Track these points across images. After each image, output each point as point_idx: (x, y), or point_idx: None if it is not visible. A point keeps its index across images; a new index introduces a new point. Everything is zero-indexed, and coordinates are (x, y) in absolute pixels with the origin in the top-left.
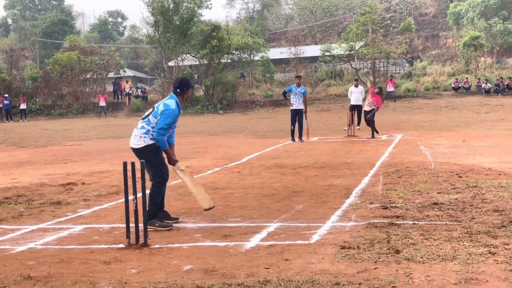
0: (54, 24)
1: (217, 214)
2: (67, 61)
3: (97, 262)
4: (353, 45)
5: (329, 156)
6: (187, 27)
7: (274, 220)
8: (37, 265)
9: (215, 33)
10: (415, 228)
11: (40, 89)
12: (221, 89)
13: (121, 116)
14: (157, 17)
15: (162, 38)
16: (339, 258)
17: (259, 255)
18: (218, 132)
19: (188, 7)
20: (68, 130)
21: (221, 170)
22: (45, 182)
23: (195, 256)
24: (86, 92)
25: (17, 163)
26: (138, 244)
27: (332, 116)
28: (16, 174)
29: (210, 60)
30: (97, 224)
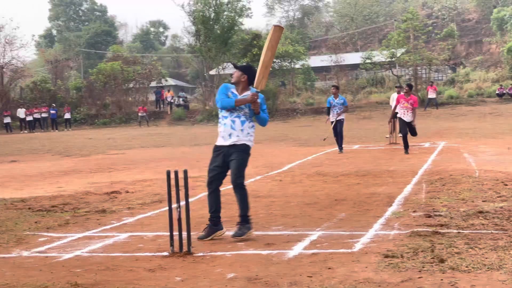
0: (97, 34)
1: (260, 222)
2: (110, 71)
3: (142, 270)
4: (395, 52)
5: (371, 164)
6: (228, 36)
7: (316, 228)
8: (83, 273)
9: (256, 42)
10: (460, 237)
11: (84, 98)
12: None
13: (163, 125)
14: (198, 27)
15: (203, 47)
16: (383, 267)
17: (302, 264)
18: (259, 140)
19: (228, 16)
20: (111, 139)
21: (263, 178)
22: (90, 190)
23: (238, 264)
24: (129, 101)
25: (63, 172)
26: (182, 252)
27: (373, 124)
28: (62, 182)
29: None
30: (141, 232)
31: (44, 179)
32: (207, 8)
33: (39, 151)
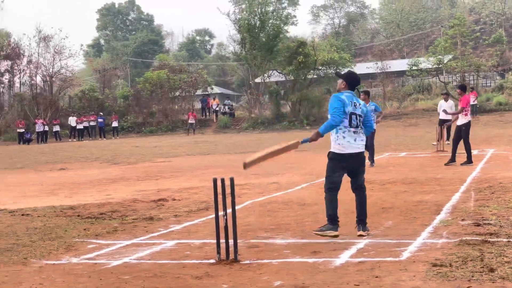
0: (144, 43)
1: (306, 230)
2: (157, 79)
3: (189, 277)
4: (442, 58)
5: (418, 172)
6: (273, 44)
7: (363, 236)
8: (132, 279)
9: (301, 49)
10: (510, 246)
11: (131, 107)
12: (308, 104)
13: (209, 133)
14: (244, 35)
15: (249, 55)
16: (431, 276)
17: (348, 272)
18: (305, 148)
19: (274, 24)
20: (158, 147)
21: (309, 186)
22: (137, 198)
23: (285, 272)
24: (175, 109)
25: (111, 180)
26: (229, 260)
27: (420, 131)
28: (110, 190)
29: (296, 76)
30: (188, 239)
31: (93, 187)
32: (253, 16)
33: (87, 159)
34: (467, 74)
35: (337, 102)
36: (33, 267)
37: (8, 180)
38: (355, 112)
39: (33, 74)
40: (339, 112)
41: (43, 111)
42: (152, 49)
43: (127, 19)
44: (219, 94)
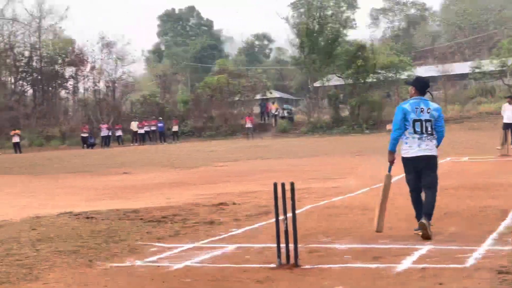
0: (204, 49)
1: (367, 235)
2: (216, 84)
3: (250, 281)
4: (505, 60)
5: (482, 177)
6: (332, 48)
7: (425, 242)
8: (193, 283)
9: (360, 53)
10: None
11: (191, 111)
12: (367, 108)
13: (268, 137)
14: (302, 39)
15: (308, 59)
16: (497, 284)
17: (411, 278)
18: (365, 152)
19: (333, 27)
20: (217, 151)
21: (370, 191)
22: (198, 202)
23: (346, 277)
24: (234, 114)
25: (172, 184)
26: (289, 264)
27: (483, 135)
28: (171, 194)
29: (355, 80)
30: (248, 243)
31: (154, 191)
32: (311, 20)
33: (149, 163)
34: None
35: (396, 114)
36: (98, 269)
37: (72, 183)
38: (420, 118)
39: (96, 80)
40: (396, 126)
41: (106, 116)
42: (211, 54)
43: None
44: (278, 98)
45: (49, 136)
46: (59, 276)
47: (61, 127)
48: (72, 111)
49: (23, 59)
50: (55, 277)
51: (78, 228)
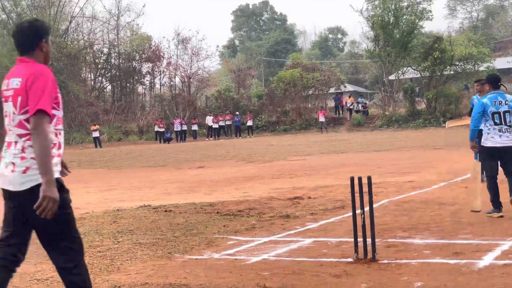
0: (277, 43)
1: (445, 230)
2: (290, 78)
3: (327, 275)
4: None
5: None
6: (408, 40)
7: (507, 238)
8: (271, 276)
9: (437, 45)
10: None
11: (265, 106)
12: (444, 101)
13: (342, 131)
14: (377, 32)
15: (382, 52)
16: None
17: (493, 275)
18: (442, 146)
19: (408, 19)
20: (291, 145)
21: (447, 185)
22: (273, 196)
23: (425, 273)
24: (309, 108)
25: (247, 178)
26: (367, 259)
27: None
28: (246, 188)
29: (432, 72)
30: (325, 237)
31: (230, 184)
32: (386, 13)
33: (224, 157)
34: None
35: (476, 107)
36: (177, 262)
37: (151, 177)
38: (499, 110)
39: (172, 76)
40: (476, 117)
41: (181, 110)
42: (285, 48)
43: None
44: (352, 92)
45: (127, 131)
46: (139, 267)
47: (139, 122)
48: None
49: (102, 56)
50: (136, 269)
51: (157, 221)
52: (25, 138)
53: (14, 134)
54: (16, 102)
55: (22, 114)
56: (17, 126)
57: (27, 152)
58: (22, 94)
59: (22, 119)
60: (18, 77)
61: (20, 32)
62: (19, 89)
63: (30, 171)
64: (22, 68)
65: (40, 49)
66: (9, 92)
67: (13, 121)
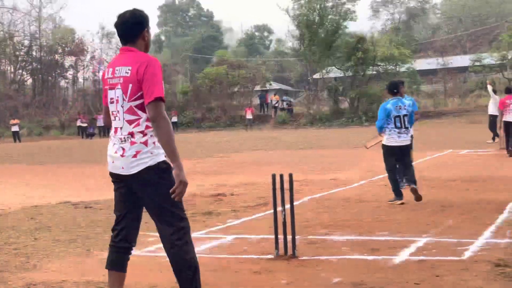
0: (204, 39)
1: (364, 227)
2: (216, 75)
3: (247, 272)
4: (506, 54)
5: (481, 170)
6: (332, 40)
7: (423, 234)
8: None
9: (360, 45)
10: None
11: (190, 102)
12: (366, 101)
13: (267, 129)
14: (303, 30)
15: (307, 51)
16: (494, 276)
17: (408, 270)
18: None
19: (333, 19)
20: (217, 142)
21: (368, 183)
22: (196, 193)
23: (344, 269)
24: (234, 105)
25: None
26: (287, 256)
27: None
28: None
29: (355, 72)
30: (246, 234)
31: None
32: (312, 12)
33: None
34: None
35: (381, 113)
36: (96, 259)
37: (71, 173)
38: (399, 114)
39: (96, 70)
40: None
41: None
42: (211, 45)
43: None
44: (277, 90)
45: (49, 125)
46: (57, 265)
47: (61, 116)
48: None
49: (22, 48)
50: (53, 266)
51: (76, 217)
52: (134, 124)
53: (123, 119)
54: (126, 89)
55: (132, 101)
56: (127, 112)
57: (137, 137)
58: (133, 82)
59: (133, 105)
60: (127, 66)
61: (124, 22)
62: (129, 77)
63: (140, 155)
64: (129, 57)
65: (142, 38)
66: (116, 79)
67: (123, 107)
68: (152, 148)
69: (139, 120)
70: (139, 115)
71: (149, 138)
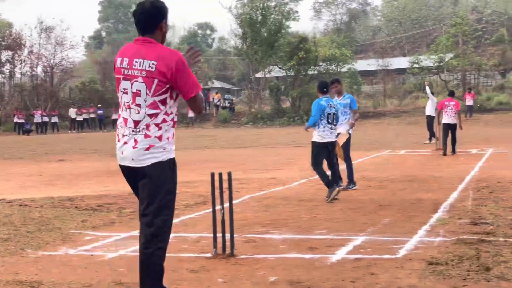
0: None
1: (303, 226)
2: None
3: (185, 271)
4: (443, 56)
5: (417, 170)
6: (275, 39)
7: (360, 233)
8: (128, 272)
9: (302, 45)
10: (507, 245)
11: None
12: (308, 100)
13: (209, 127)
14: (245, 29)
15: (250, 50)
16: (427, 274)
17: (345, 268)
18: (304, 143)
19: (275, 19)
20: None
21: (307, 182)
22: None
23: (281, 267)
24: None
25: (110, 172)
26: (225, 254)
27: (420, 129)
28: (108, 182)
29: (297, 71)
30: (184, 233)
31: (91, 179)
32: (254, 11)
33: (86, 151)
34: (468, 73)
35: (316, 109)
36: (30, 258)
37: (6, 170)
38: (331, 112)
39: (34, 65)
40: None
41: (43, 102)
42: None
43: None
44: (219, 88)
45: None
46: None
47: None
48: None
49: None
50: None
51: (10, 215)
52: (154, 117)
53: (144, 113)
54: (151, 84)
55: (157, 95)
56: (150, 106)
57: (152, 130)
58: (159, 77)
59: (157, 100)
60: (151, 60)
61: (143, 12)
62: (155, 72)
63: (152, 149)
64: (151, 50)
65: (160, 29)
66: (135, 71)
67: (145, 101)
68: (166, 143)
69: (158, 113)
70: (160, 108)
71: (163, 132)
